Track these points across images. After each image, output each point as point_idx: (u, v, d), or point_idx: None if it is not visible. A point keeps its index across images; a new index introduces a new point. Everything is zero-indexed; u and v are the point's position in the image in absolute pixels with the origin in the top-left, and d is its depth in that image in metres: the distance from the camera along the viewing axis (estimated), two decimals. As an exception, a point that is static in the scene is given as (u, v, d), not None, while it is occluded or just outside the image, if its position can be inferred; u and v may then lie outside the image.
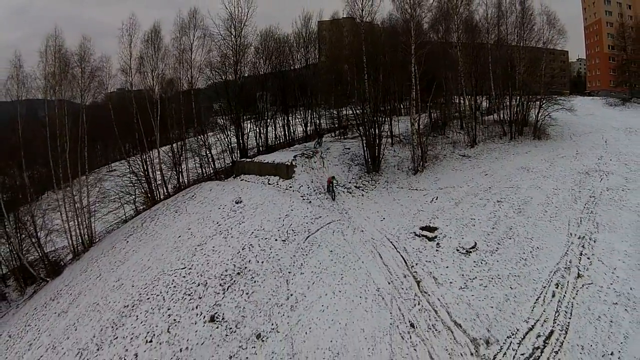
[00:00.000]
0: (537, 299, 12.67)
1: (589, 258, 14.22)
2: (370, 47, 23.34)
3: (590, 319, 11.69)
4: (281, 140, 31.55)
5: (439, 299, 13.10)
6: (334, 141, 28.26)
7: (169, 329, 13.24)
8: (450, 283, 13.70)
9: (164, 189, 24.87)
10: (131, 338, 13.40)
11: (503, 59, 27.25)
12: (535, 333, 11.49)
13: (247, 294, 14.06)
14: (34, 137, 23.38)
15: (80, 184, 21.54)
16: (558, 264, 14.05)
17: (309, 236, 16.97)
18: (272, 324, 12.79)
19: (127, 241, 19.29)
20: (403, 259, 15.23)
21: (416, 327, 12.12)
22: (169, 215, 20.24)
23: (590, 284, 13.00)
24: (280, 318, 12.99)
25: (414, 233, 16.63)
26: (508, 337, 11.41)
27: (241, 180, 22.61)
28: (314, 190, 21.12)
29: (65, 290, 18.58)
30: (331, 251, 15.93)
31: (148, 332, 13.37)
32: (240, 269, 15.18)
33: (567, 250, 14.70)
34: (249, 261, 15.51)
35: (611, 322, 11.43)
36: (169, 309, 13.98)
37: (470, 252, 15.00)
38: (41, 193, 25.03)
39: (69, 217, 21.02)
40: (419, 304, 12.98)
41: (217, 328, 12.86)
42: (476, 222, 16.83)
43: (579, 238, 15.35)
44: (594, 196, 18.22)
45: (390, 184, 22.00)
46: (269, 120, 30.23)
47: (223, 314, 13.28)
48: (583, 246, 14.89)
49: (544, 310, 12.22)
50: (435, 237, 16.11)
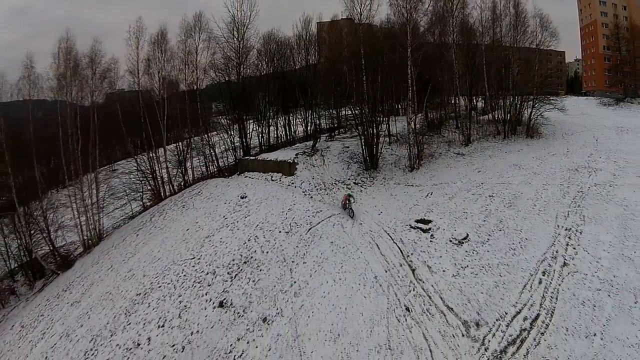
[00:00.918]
0: (525, 286, 13.46)
1: (574, 248, 14.95)
2: (368, 49, 24.11)
3: (574, 303, 12.44)
4: (282, 140, 32.39)
5: (432, 286, 13.95)
6: (333, 140, 29.08)
7: (180, 314, 14.07)
8: (444, 271, 14.56)
9: (170, 186, 25.75)
10: (144, 324, 14.17)
11: (497, 60, 28.09)
12: (523, 316, 12.26)
13: (254, 281, 14.95)
14: (43, 136, 24.25)
15: (89, 181, 22.42)
16: (545, 253, 14.84)
17: (310, 228, 17.86)
18: (277, 309, 13.64)
19: (137, 234, 20.13)
20: (399, 249, 16.11)
21: (411, 311, 12.98)
22: (177, 210, 21.10)
23: (575, 272, 13.75)
24: (284, 303, 13.84)
25: (410, 225, 17.49)
26: (497, 320, 12.21)
27: (245, 177, 23.52)
28: (315, 187, 21.99)
29: (77, 282, 19.21)
30: (332, 242, 16.81)
31: (160, 318, 14.17)
32: (247, 258, 16.06)
33: (554, 241, 15.47)
34: (255, 251, 16.41)
35: (594, 307, 12.15)
36: (179, 296, 14.82)
37: (462, 243, 15.87)
38: (49, 190, 25.79)
39: (80, 212, 21.88)
40: (414, 290, 13.85)
41: (226, 313, 13.72)
42: (468, 215, 17.67)
43: (566, 230, 16.10)
44: (582, 191, 18.92)
45: (388, 180, 22.81)
46: (270, 120, 31.09)
47: (231, 300, 14.15)
48: (569, 237, 15.62)
49: (531, 296, 13.00)
50: (430, 229, 16.96)
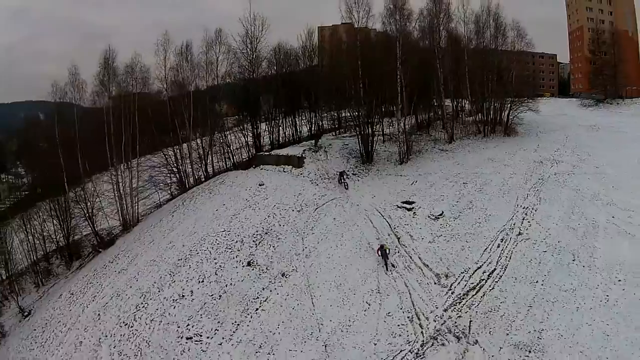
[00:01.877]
0: (486, 249, 17.23)
1: (529, 222, 18.56)
2: (364, 60, 27.54)
3: (523, 261, 16.06)
4: (290, 139, 36.27)
5: (413, 249, 17.90)
6: (335, 139, 32.92)
7: (216, 272, 17.91)
8: (422, 238, 18.53)
9: (194, 177, 29.72)
10: (187, 280, 17.78)
11: (479, 69, 31.87)
12: (482, 270, 16.00)
13: (274, 247, 18.97)
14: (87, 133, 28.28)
15: (130, 170, 26.47)
16: (504, 225, 18.53)
17: (317, 208, 21.91)
18: (293, 267, 17.63)
19: (172, 215, 23.98)
20: (388, 223, 20.10)
21: (396, 267, 16.92)
22: (205, 196, 25.00)
23: (527, 239, 17.36)
24: (298, 263, 17.84)
25: (397, 206, 21.40)
26: (462, 273, 16.01)
27: (261, 169, 27.42)
28: (320, 176, 25.92)
29: (122, 254, 22.39)
30: (334, 218, 20.86)
31: (200, 275, 17.87)
32: (267, 230, 20.10)
33: (513, 216, 19.11)
34: (274, 225, 20.46)
35: (539, 263, 15.69)
36: (215, 259, 18.66)
37: (438, 218, 19.81)
38: (91, 179, 29.62)
39: (122, 196, 25.83)
40: (398, 252, 17.80)
41: (253, 270, 17.69)
42: (445, 198, 21.55)
43: (524, 208, 19.73)
44: (542, 178, 22.46)
45: (381, 172, 26.65)
46: (280, 121, 35.10)
47: (257, 261, 18.14)
48: (526, 214, 19.22)
49: (490, 256, 16.74)
50: (413, 208, 20.87)
